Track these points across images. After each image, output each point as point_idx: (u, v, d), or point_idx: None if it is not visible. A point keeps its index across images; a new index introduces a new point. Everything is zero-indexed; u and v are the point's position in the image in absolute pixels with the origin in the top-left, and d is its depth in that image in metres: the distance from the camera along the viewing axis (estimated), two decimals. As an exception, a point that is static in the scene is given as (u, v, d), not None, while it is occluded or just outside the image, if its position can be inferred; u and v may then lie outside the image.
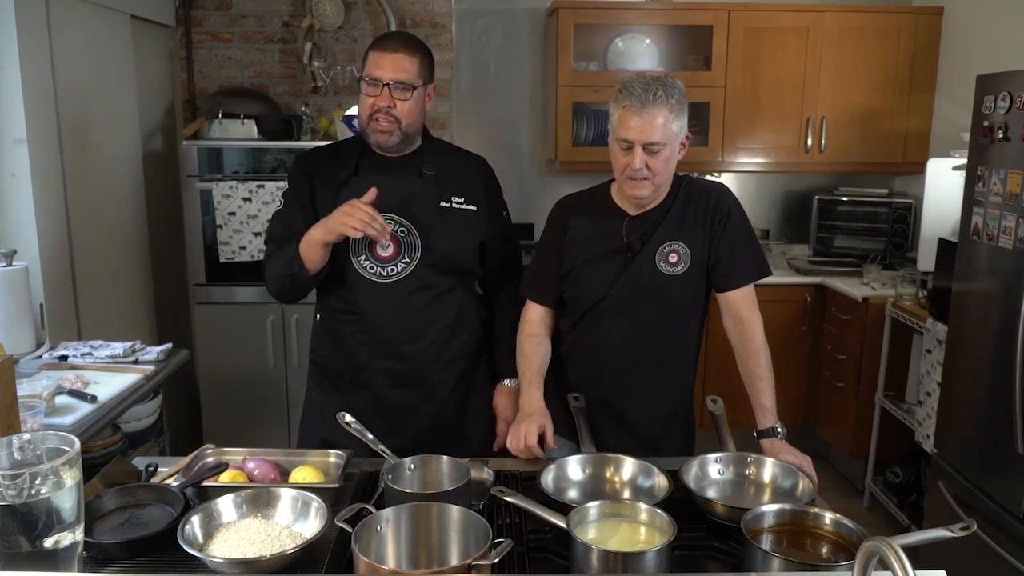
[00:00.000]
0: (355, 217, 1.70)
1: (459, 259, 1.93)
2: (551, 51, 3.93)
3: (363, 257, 1.85)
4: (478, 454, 1.80)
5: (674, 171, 1.81)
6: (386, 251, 1.85)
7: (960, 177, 2.86)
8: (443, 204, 1.90)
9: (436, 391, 1.95)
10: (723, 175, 4.14)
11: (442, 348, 1.94)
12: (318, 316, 2.00)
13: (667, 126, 1.70)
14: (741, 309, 1.82)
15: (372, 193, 1.75)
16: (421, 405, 1.94)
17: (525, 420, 1.74)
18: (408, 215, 1.86)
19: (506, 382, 2.03)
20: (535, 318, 1.92)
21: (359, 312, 1.88)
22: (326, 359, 1.99)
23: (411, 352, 1.91)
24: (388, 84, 1.79)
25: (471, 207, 1.93)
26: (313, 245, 1.79)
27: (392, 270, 1.86)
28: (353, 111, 3.53)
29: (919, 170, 3.61)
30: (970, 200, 2.54)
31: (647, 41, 3.97)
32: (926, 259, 3.24)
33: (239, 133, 3.49)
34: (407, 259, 1.86)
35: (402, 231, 1.85)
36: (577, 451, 1.65)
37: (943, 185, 3.25)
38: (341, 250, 1.84)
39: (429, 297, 1.89)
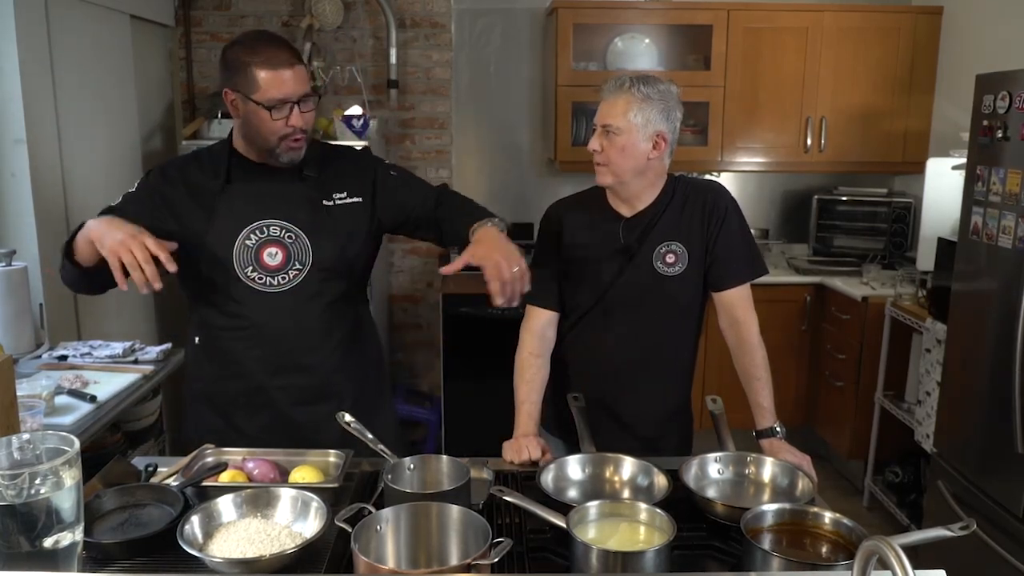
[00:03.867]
0: (128, 252, 1.49)
1: (351, 260, 1.82)
2: (551, 51, 3.93)
3: (250, 268, 1.72)
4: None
5: (654, 170, 1.79)
6: (274, 260, 1.72)
7: (959, 176, 2.85)
8: (326, 203, 1.79)
9: (342, 405, 1.77)
10: (722, 175, 4.14)
11: (344, 357, 1.83)
12: (196, 339, 1.82)
13: (624, 112, 1.72)
14: (736, 309, 1.82)
15: (171, 245, 1.56)
16: (326, 421, 1.72)
17: (523, 438, 1.73)
18: (293, 219, 1.74)
19: (488, 224, 1.69)
20: (538, 330, 1.87)
21: (251, 326, 1.75)
22: (214, 385, 1.82)
23: (312, 364, 1.79)
24: (297, 102, 1.67)
25: (356, 199, 1.82)
26: (84, 239, 1.59)
27: (283, 278, 1.73)
28: (353, 111, 3.54)
29: (919, 170, 3.61)
30: (969, 199, 2.54)
31: (646, 41, 3.97)
32: (925, 258, 3.24)
33: (238, 133, 3.48)
34: (298, 266, 1.74)
35: (290, 236, 1.73)
36: (573, 451, 1.65)
37: (942, 185, 3.26)
38: (223, 260, 1.71)
39: (324, 304, 1.78)
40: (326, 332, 1.81)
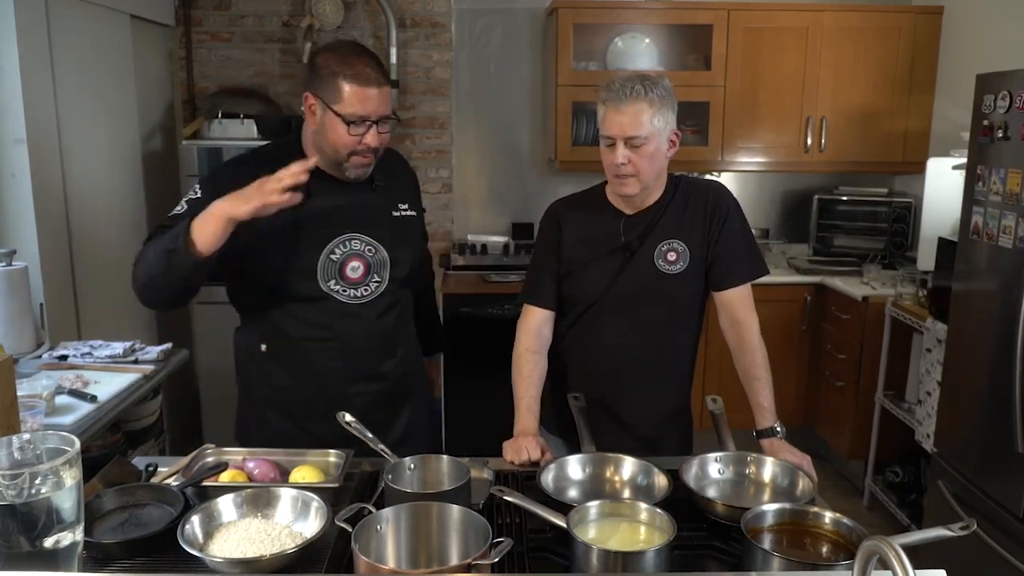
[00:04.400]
0: (274, 184, 1.50)
1: (417, 269, 1.90)
2: (551, 51, 3.93)
3: (332, 281, 1.75)
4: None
5: (665, 168, 1.80)
6: (356, 273, 1.76)
7: (960, 176, 2.85)
8: (394, 214, 1.83)
9: (409, 403, 1.91)
10: (723, 175, 4.14)
11: (412, 361, 1.92)
12: (263, 347, 1.82)
13: (648, 120, 1.69)
14: (737, 309, 1.82)
15: (310, 163, 1.56)
16: (396, 419, 1.89)
17: (522, 437, 1.73)
18: (372, 232, 1.77)
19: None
20: (534, 328, 1.87)
21: (335, 338, 1.78)
22: (285, 392, 1.83)
23: (387, 371, 1.85)
24: (376, 122, 1.67)
25: (412, 212, 1.88)
26: (215, 218, 1.52)
27: (365, 290, 1.77)
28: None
29: (919, 169, 3.62)
30: (970, 199, 2.54)
31: (647, 40, 3.97)
32: (926, 258, 3.24)
33: (239, 133, 3.49)
34: (377, 278, 1.78)
35: (370, 250, 1.77)
36: (573, 451, 1.65)
37: (943, 184, 3.26)
38: (308, 274, 1.73)
39: (398, 312, 1.85)
40: (398, 339, 1.87)
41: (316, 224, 1.73)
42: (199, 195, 1.71)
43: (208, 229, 1.53)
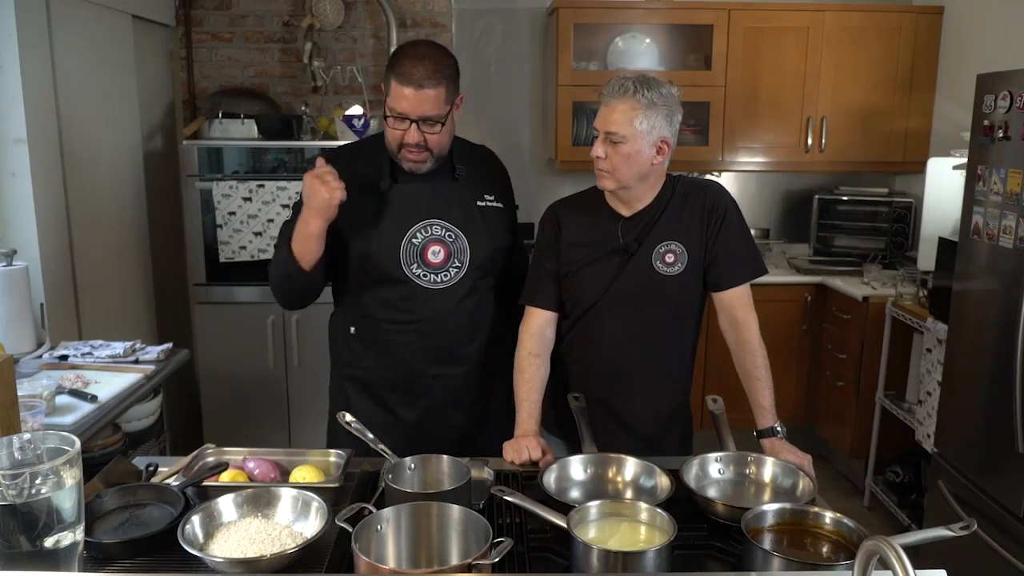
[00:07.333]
0: (327, 187, 1.66)
1: (499, 259, 1.94)
2: (551, 51, 3.93)
3: (415, 265, 1.83)
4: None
5: (653, 172, 1.78)
6: (437, 257, 1.84)
7: (960, 176, 2.85)
8: (479, 204, 1.90)
9: (492, 392, 1.98)
10: (723, 175, 4.14)
11: (495, 350, 1.96)
12: (352, 329, 1.92)
13: (629, 120, 1.69)
14: (736, 309, 1.82)
15: (320, 162, 1.73)
16: (477, 404, 1.96)
17: (523, 438, 1.73)
18: (453, 219, 1.85)
19: None
20: (536, 330, 1.87)
21: (416, 320, 1.86)
22: (371, 373, 1.92)
23: (468, 355, 1.92)
24: (416, 120, 1.76)
25: (499, 204, 1.94)
26: (304, 237, 1.74)
27: (445, 276, 1.85)
28: (354, 111, 3.54)
29: (919, 169, 3.62)
30: (970, 199, 2.54)
31: (647, 40, 3.97)
32: (926, 258, 3.24)
33: (239, 133, 3.49)
34: (457, 264, 1.85)
35: (450, 236, 1.85)
36: (573, 451, 1.65)
37: (943, 184, 3.26)
38: (391, 258, 1.82)
39: (477, 300, 1.91)
40: (479, 325, 1.93)
41: (399, 210, 1.83)
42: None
43: (305, 248, 1.74)
